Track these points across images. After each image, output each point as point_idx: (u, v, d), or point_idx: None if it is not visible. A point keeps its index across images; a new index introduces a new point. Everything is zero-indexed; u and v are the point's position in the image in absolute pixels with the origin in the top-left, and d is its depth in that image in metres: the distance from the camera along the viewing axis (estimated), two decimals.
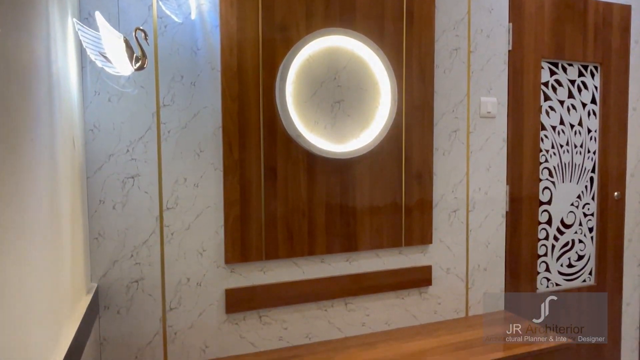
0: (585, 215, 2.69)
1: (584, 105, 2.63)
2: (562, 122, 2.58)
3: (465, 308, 2.36)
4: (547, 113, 2.54)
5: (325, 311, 2.06)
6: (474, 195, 2.35)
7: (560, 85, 2.56)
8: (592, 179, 2.69)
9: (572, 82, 2.59)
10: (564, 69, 2.56)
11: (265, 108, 1.88)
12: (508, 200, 2.45)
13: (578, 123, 2.62)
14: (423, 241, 2.21)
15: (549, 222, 2.59)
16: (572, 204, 2.65)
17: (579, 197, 2.66)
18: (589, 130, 2.66)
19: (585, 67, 2.62)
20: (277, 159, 1.91)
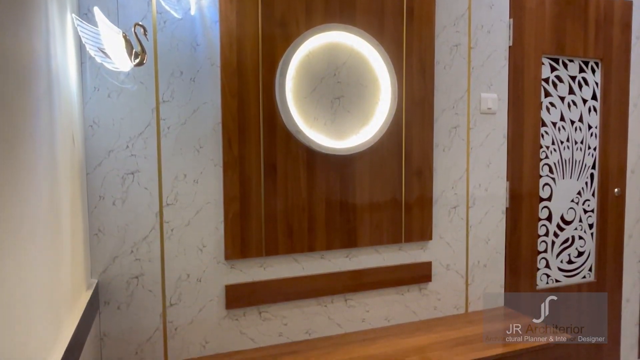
0: (585, 211, 2.69)
1: (585, 101, 2.63)
2: (562, 119, 2.57)
3: (465, 304, 2.36)
4: (548, 109, 2.53)
5: (325, 307, 2.07)
6: (474, 192, 2.35)
7: (560, 81, 2.55)
8: (592, 175, 2.69)
9: (573, 78, 2.58)
10: (565, 65, 2.56)
11: (265, 104, 1.88)
12: (508, 197, 2.45)
13: (578, 119, 2.62)
14: (423, 237, 2.21)
15: (549, 218, 2.59)
16: (573, 201, 2.64)
17: (579, 193, 2.66)
18: (590, 127, 2.65)
19: (586, 63, 2.61)
20: (277, 155, 1.91)
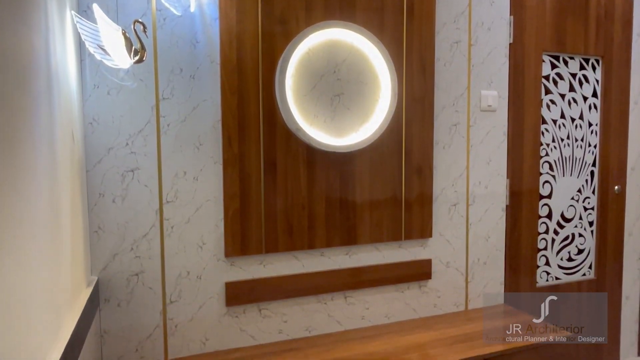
0: (585, 209, 2.69)
1: (585, 98, 2.62)
2: (562, 116, 2.57)
3: (465, 302, 2.37)
4: (548, 106, 2.53)
5: (325, 304, 2.07)
6: (474, 189, 2.34)
7: (561, 78, 2.55)
8: (592, 172, 2.68)
9: (573, 75, 2.58)
10: (565, 62, 2.55)
11: (265, 101, 1.88)
12: (508, 194, 2.45)
13: (579, 117, 2.61)
14: (423, 235, 2.21)
15: (549, 216, 2.59)
16: (573, 198, 2.64)
17: (579, 191, 2.66)
18: (590, 124, 2.65)
19: (587, 60, 2.61)
20: (277, 152, 1.91)
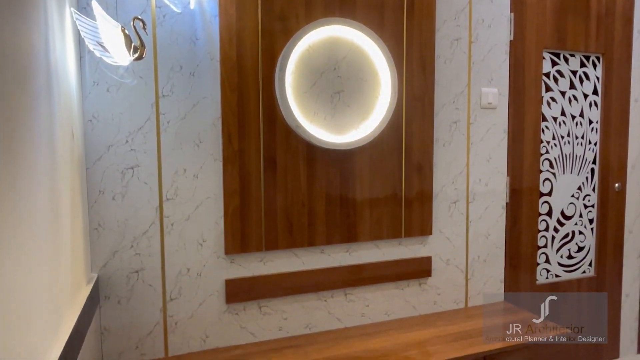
0: (585, 206, 2.68)
1: (586, 96, 2.62)
2: (563, 113, 2.57)
3: (464, 299, 2.37)
4: (549, 104, 2.53)
5: (325, 302, 2.07)
6: (474, 187, 2.34)
7: (561, 76, 2.54)
8: (592, 170, 2.68)
9: (574, 72, 2.58)
10: (566, 60, 2.55)
11: (265, 99, 1.87)
12: (508, 192, 2.44)
13: (579, 114, 2.61)
14: (423, 232, 2.21)
15: (549, 213, 2.59)
16: (573, 196, 2.64)
17: (579, 188, 2.66)
18: (590, 122, 2.65)
19: (587, 57, 2.60)
20: (277, 149, 1.91)
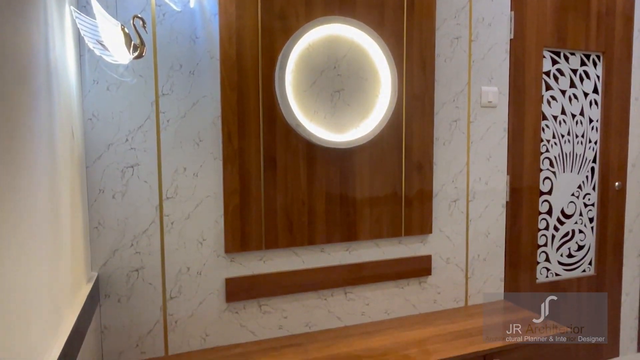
0: (585, 205, 2.68)
1: (586, 94, 2.62)
2: (563, 112, 2.57)
3: (464, 297, 2.37)
4: (549, 103, 2.52)
5: (325, 300, 2.07)
6: (474, 185, 2.34)
7: (562, 74, 2.54)
8: (593, 169, 2.68)
9: (574, 71, 2.57)
10: (566, 58, 2.54)
11: (265, 97, 1.87)
12: (508, 190, 2.44)
13: (579, 113, 2.61)
14: (423, 231, 2.21)
15: (549, 212, 2.59)
16: (573, 194, 2.64)
17: (579, 187, 2.66)
18: (591, 120, 2.64)
19: (588, 56, 2.60)
20: (277, 148, 1.90)
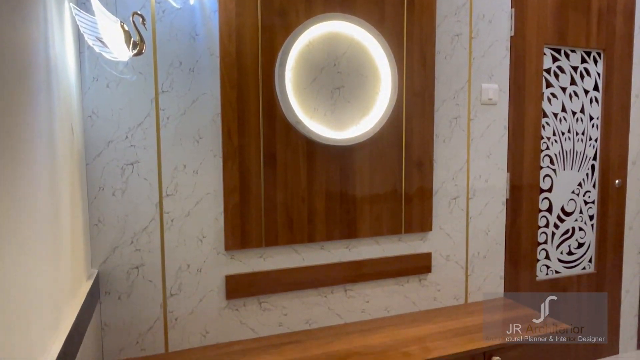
0: (585, 202, 2.68)
1: (587, 92, 2.61)
2: (564, 109, 2.56)
3: (464, 295, 2.37)
4: (549, 100, 2.52)
5: (325, 297, 2.07)
6: (474, 183, 2.34)
7: (562, 71, 2.54)
8: (593, 166, 2.68)
9: (575, 68, 2.57)
10: (567, 56, 2.54)
11: (265, 94, 1.87)
12: (508, 188, 2.44)
13: (580, 110, 2.60)
14: (423, 228, 2.21)
15: (550, 209, 2.59)
16: (573, 192, 2.64)
17: (579, 184, 2.65)
18: (591, 118, 2.64)
19: (588, 53, 2.60)
20: (277, 145, 1.90)
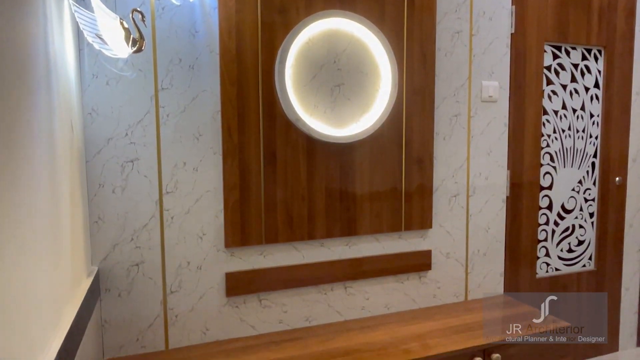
0: (586, 200, 2.68)
1: (587, 89, 2.61)
2: (564, 107, 2.56)
3: (464, 292, 2.37)
4: (550, 97, 2.52)
5: (325, 295, 2.08)
6: (474, 180, 2.34)
7: (563, 69, 2.53)
8: (593, 164, 2.68)
9: (575, 66, 2.56)
10: (567, 53, 2.53)
11: (265, 92, 1.87)
12: (509, 185, 2.44)
13: (580, 108, 2.60)
14: (423, 226, 2.21)
15: (550, 207, 2.59)
16: (573, 189, 2.64)
17: (580, 182, 2.65)
18: (592, 115, 2.64)
19: (589, 50, 2.59)
20: (277, 143, 1.90)
